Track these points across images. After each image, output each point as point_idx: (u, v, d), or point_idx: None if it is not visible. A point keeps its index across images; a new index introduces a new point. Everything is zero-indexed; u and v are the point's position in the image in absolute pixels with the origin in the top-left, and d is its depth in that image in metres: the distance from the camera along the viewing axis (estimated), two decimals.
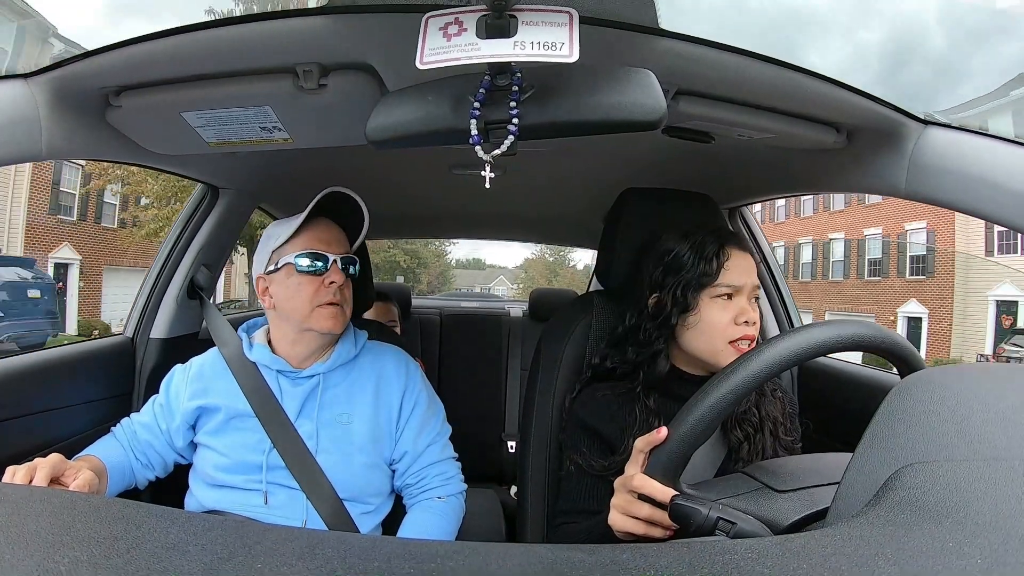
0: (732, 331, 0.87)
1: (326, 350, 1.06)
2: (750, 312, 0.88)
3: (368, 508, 1.03)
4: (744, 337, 0.86)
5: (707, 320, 0.88)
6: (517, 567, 0.35)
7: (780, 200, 11.77)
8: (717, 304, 0.88)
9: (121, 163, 1.13)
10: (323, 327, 1.00)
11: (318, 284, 1.00)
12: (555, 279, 31.28)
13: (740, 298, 0.89)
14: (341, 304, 1.02)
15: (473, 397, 2.24)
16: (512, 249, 58.26)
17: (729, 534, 0.53)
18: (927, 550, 0.32)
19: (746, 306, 0.88)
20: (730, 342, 0.86)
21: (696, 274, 0.88)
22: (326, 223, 1.05)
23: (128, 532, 0.37)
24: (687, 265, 0.89)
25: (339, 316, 1.01)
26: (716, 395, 0.58)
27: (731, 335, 0.86)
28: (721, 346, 0.87)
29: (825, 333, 0.60)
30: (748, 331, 0.87)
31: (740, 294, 0.89)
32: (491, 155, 0.60)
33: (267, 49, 0.77)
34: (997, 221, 0.76)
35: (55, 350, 1.23)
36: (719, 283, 0.88)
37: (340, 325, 1.02)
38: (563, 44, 0.54)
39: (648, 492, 0.61)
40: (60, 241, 13.07)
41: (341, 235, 1.06)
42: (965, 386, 0.46)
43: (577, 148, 1.27)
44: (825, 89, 0.80)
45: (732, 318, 0.87)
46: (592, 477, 0.89)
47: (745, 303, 0.89)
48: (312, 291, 1.00)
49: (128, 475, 1.03)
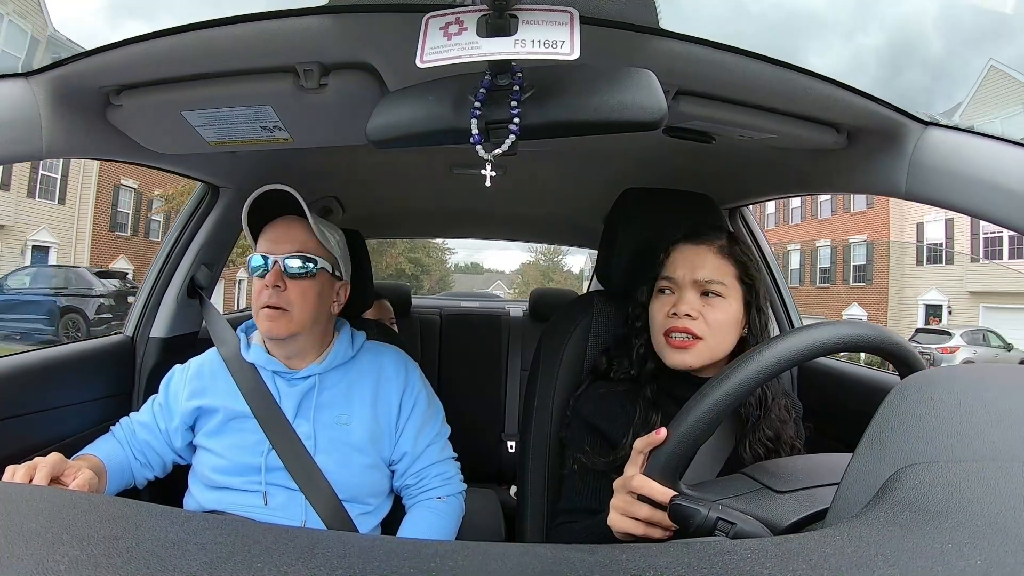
0: (665, 323, 0.86)
1: (320, 351, 1.05)
2: (683, 304, 0.84)
3: (367, 508, 1.03)
4: (673, 329, 0.84)
5: (651, 316, 0.89)
6: (517, 567, 0.35)
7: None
8: (658, 299, 0.89)
9: (121, 162, 1.13)
10: (263, 329, 0.99)
11: (261, 286, 0.98)
12: (548, 283, 31.99)
13: (682, 291, 0.86)
14: (280, 306, 0.97)
15: (473, 397, 2.24)
16: (509, 253, 58.52)
17: (729, 534, 0.53)
18: (927, 551, 0.32)
19: (686, 298, 0.85)
20: (664, 334, 0.86)
21: (650, 272, 0.90)
22: (283, 221, 1.02)
23: (128, 531, 0.37)
24: (653, 265, 0.92)
25: (276, 319, 0.96)
26: (715, 396, 0.58)
27: (664, 327, 0.86)
28: (659, 339, 0.87)
29: (825, 333, 0.60)
30: (677, 323, 0.84)
31: (681, 288, 0.87)
32: (492, 155, 0.60)
33: (267, 48, 0.77)
34: (997, 222, 0.76)
35: (55, 349, 1.23)
36: (660, 276, 0.89)
37: (278, 328, 0.97)
38: (564, 42, 0.54)
39: (647, 493, 0.60)
40: (117, 254, 15.30)
41: (298, 232, 1.01)
42: (965, 386, 0.46)
43: (577, 148, 1.27)
44: (826, 90, 0.80)
45: (668, 311, 0.86)
46: (594, 476, 0.89)
47: (688, 295, 0.85)
48: (256, 293, 0.99)
49: (127, 474, 1.03)
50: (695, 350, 0.84)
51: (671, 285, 0.88)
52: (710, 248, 0.89)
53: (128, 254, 15.67)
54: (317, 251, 1.01)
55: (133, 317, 1.42)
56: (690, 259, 0.88)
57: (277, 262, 0.98)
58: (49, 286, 10.56)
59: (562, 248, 24.85)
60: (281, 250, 0.99)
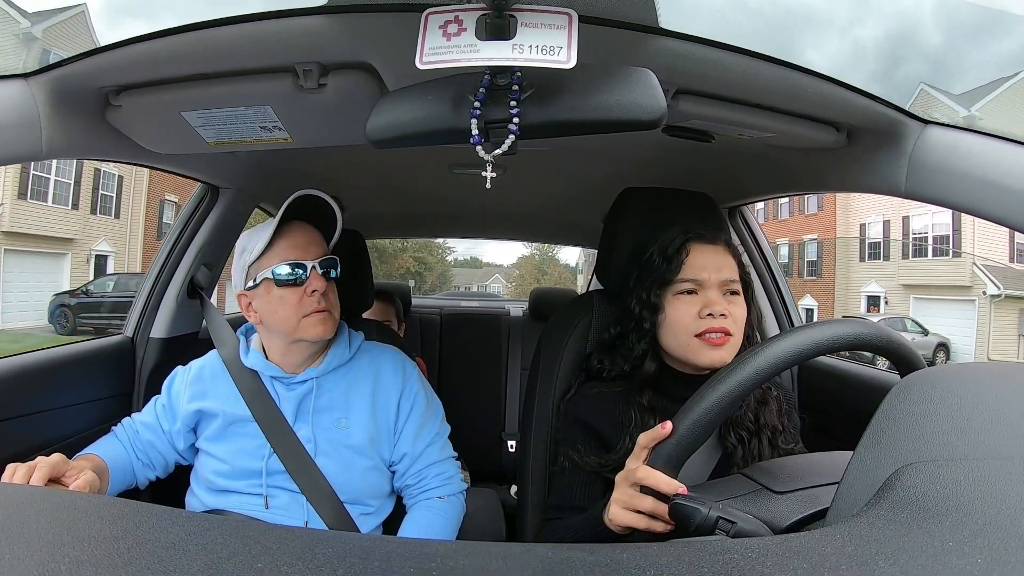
0: (697, 325, 0.86)
1: (319, 355, 1.05)
2: (717, 304, 0.86)
3: (369, 510, 1.03)
4: (711, 329, 0.85)
5: (672, 318, 0.88)
6: (517, 567, 0.35)
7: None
8: (680, 300, 0.88)
9: (121, 163, 1.12)
10: (313, 335, 0.99)
11: (300, 294, 0.97)
12: (543, 277, 33.42)
13: (706, 292, 0.87)
14: (328, 310, 0.99)
15: (473, 397, 2.24)
16: (507, 247, 58.65)
17: (729, 533, 0.53)
18: (927, 550, 0.32)
19: (713, 298, 0.86)
20: (697, 336, 0.86)
21: (660, 273, 0.89)
22: (300, 227, 1.01)
23: (129, 532, 0.37)
24: (654, 266, 0.90)
25: (328, 322, 0.99)
26: (720, 391, 0.58)
27: (695, 329, 0.86)
28: (687, 341, 0.86)
29: (826, 332, 0.60)
30: (714, 323, 0.85)
31: (705, 288, 0.87)
32: (492, 155, 0.60)
33: (267, 48, 0.77)
34: (997, 221, 0.76)
35: (55, 349, 1.23)
36: (680, 279, 0.88)
37: (330, 330, 1.00)
38: (561, 49, 0.54)
39: (653, 484, 0.61)
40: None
41: (317, 236, 1.03)
42: (965, 385, 0.46)
43: (577, 147, 1.27)
44: (825, 88, 0.80)
45: (696, 312, 0.86)
46: (585, 474, 0.89)
47: (714, 296, 0.87)
48: (296, 302, 0.97)
49: (129, 475, 1.03)
50: (729, 345, 0.86)
51: (696, 286, 0.88)
52: (725, 248, 0.91)
53: None
54: (332, 256, 1.05)
55: (133, 317, 1.42)
56: (713, 260, 0.89)
57: (315, 267, 0.99)
58: (126, 289, 12.08)
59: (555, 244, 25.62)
60: (313, 255, 1.00)
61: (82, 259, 14.11)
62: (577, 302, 1.13)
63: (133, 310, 1.44)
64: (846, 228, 16.99)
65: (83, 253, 14.12)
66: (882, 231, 16.21)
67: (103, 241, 14.62)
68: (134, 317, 1.42)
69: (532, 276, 33.71)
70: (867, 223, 16.44)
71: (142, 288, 1.45)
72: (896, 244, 15.70)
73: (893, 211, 15.47)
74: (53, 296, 12.51)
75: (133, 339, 1.40)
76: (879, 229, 16.24)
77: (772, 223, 20.08)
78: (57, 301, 12.32)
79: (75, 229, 13.84)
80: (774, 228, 20.01)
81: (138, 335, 1.40)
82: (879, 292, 16.07)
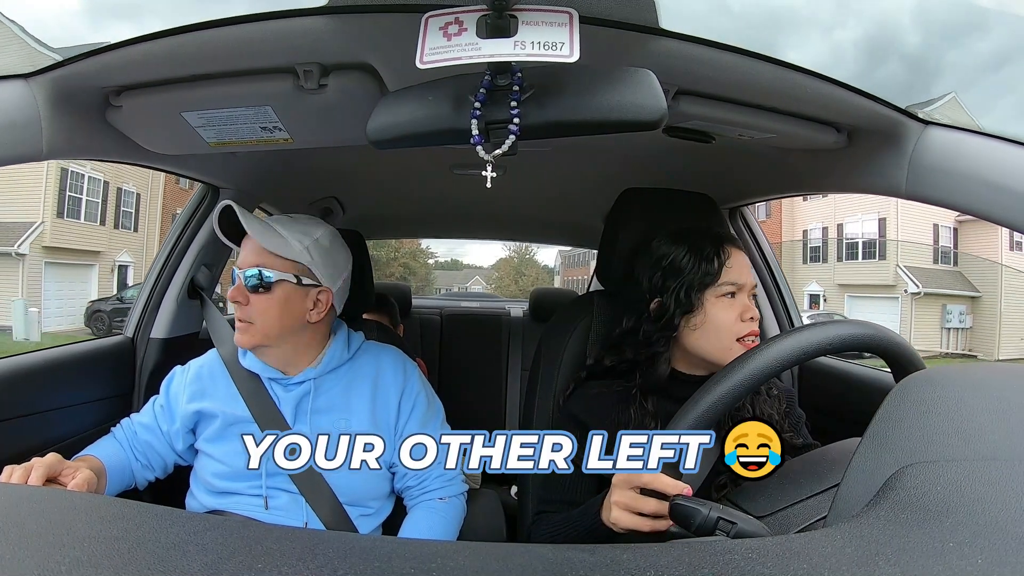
0: (739, 328, 0.88)
1: (314, 356, 1.04)
2: (753, 309, 0.89)
3: (368, 511, 1.03)
4: (750, 333, 0.88)
5: (713, 320, 0.88)
6: (517, 567, 0.35)
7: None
8: (722, 303, 0.89)
9: (121, 163, 1.12)
10: (234, 339, 1.02)
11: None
12: (521, 278, 34.23)
13: (742, 296, 0.90)
14: (245, 319, 0.98)
15: (473, 397, 2.24)
16: (487, 250, 59.37)
17: (729, 534, 0.53)
18: (928, 550, 0.32)
19: (748, 303, 0.90)
20: (738, 339, 0.88)
21: (699, 275, 0.88)
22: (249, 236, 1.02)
23: (128, 532, 0.37)
24: (688, 267, 0.89)
25: (243, 331, 0.98)
26: (720, 391, 0.58)
27: (739, 332, 0.88)
28: (729, 344, 0.88)
29: (827, 333, 0.60)
30: (753, 327, 0.88)
31: (742, 292, 0.90)
32: (492, 155, 0.60)
33: (267, 49, 0.77)
34: (997, 221, 0.76)
35: (55, 350, 1.23)
36: (723, 282, 0.88)
37: (243, 340, 0.99)
38: (563, 44, 0.54)
39: (658, 487, 0.61)
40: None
41: (255, 246, 0.99)
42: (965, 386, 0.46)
43: (577, 148, 1.27)
44: (825, 89, 0.80)
45: (738, 315, 0.88)
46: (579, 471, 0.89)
47: (747, 300, 0.90)
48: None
49: (127, 475, 1.03)
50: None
51: (736, 289, 0.89)
52: (746, 253, 0.93)
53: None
54: (274, 264, 0.99)
55: (133, 318, 1.42)
56: (743, 264, 0.91)
57: (239, 277, 0.99)
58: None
59: (533, 246, 26.50)
60: (243, 265, 0.99)
61: (107, 269, 15.98)
62: (577, 302, 1.13)
63: (133, 310, 1.44)
64: (792, 233, 18.24)
65: (108, 263, 15.96)
66: (821, 236, 17.70)
67: (124, 252, 16.35)
68: (134, 317, 1.42)
69: (511, 277, 34.69)
70: (809, 229, 17.89)
71: (142, 288, 1.45)
72: (832, 246, 17.30)
73: (830, 218, 16.94)
74: (89, 303, 14.32)
75: (133, 339, 1.40)
76: (819, 234, 17.74)
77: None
78: (93, 308, 13.97)
79: (102, 242, 15.68)
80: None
81: (138, 335, 1.40)
82: (819, 291, 17.50)
